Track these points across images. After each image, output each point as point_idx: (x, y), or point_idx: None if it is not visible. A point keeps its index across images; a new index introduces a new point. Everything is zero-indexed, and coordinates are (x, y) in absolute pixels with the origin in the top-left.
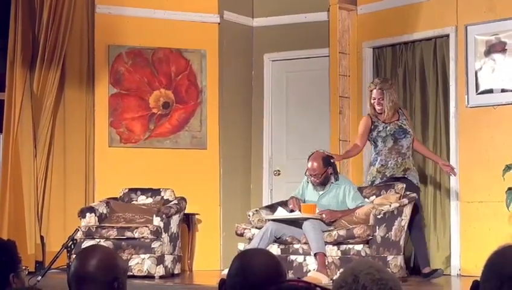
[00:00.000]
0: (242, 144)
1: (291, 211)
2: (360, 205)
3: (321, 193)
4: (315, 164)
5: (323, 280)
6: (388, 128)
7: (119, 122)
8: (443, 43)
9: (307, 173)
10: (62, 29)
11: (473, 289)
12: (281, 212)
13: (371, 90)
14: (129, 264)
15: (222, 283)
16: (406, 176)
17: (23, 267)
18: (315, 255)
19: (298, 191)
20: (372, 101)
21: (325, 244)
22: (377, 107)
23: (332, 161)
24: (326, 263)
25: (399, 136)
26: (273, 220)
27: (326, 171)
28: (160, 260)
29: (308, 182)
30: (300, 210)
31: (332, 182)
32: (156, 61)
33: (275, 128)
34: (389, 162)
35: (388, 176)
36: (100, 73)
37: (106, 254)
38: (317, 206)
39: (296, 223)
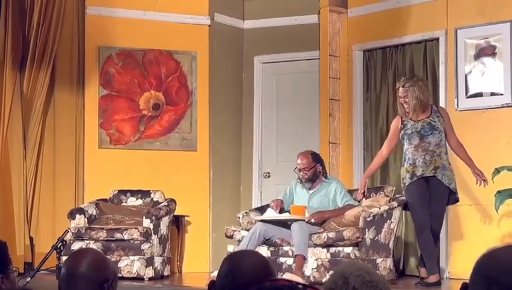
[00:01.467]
0: (232, 146)
1: (280, 211)
2: (348, 202)
3: (311, 191)
4: (304, 159)
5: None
6: (416, 125)
7: (109, 123)
8: (433, 46)
9: (296, 169)
10: (52, 30)
11: None
12: (271, 213)
13: (398, 89)
14: (118, 266)
15: (212, 285)
16: (436, 175)
17: (13, 269)
18: (295, 256)
19: (285, 193)
20: (400, 100)
21: (315, 247)
22: (405, 106)
23: (321, 158)
24: (305, 266)
25: (425, 132)
26: (263, 221)
27: (315, 166)
28: (149, 262)
29: (297, 182)
30: (289, 211)
31: (323, 181)
32: (147, 63)
33: (265, 131)
34: (417, 161)
35: (418, 175)
36: (90, 74)
37: (97, 256)
38: (308, 207)
39: (286, 224)
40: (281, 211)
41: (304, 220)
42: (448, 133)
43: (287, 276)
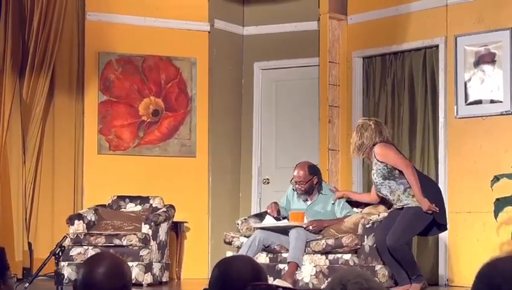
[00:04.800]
0: (231, 153)
1: (276, 217)
2: (348, 214)
3: (309, 203)
4: (301, 172)
5: None
6: None
7: (108, 129)
8: (432, 54)
9: (292, 181)
10: (52, 36)
11: None
12: (269, 221)
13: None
14: None
15: None
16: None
17: (11, 275)
18: (288, 262)
19: (283, 200)
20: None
21: (314, 253)
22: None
23: (318, 169)
24: (298, 273)
25: None
26: (262, 228)
27: (311, 179)
28: (148, 268)
29: (294, 190)
30: (286, 218)
31: (321, 193)
32: (146, 69)
33: (264, 137)
34: None
35: None
36: (90, 80)
37: (114, 261)
38: (306, 216)
39: (285, 231)
40: (278, 213)
41: (303, 227)
42: None
43: (275, 282)
